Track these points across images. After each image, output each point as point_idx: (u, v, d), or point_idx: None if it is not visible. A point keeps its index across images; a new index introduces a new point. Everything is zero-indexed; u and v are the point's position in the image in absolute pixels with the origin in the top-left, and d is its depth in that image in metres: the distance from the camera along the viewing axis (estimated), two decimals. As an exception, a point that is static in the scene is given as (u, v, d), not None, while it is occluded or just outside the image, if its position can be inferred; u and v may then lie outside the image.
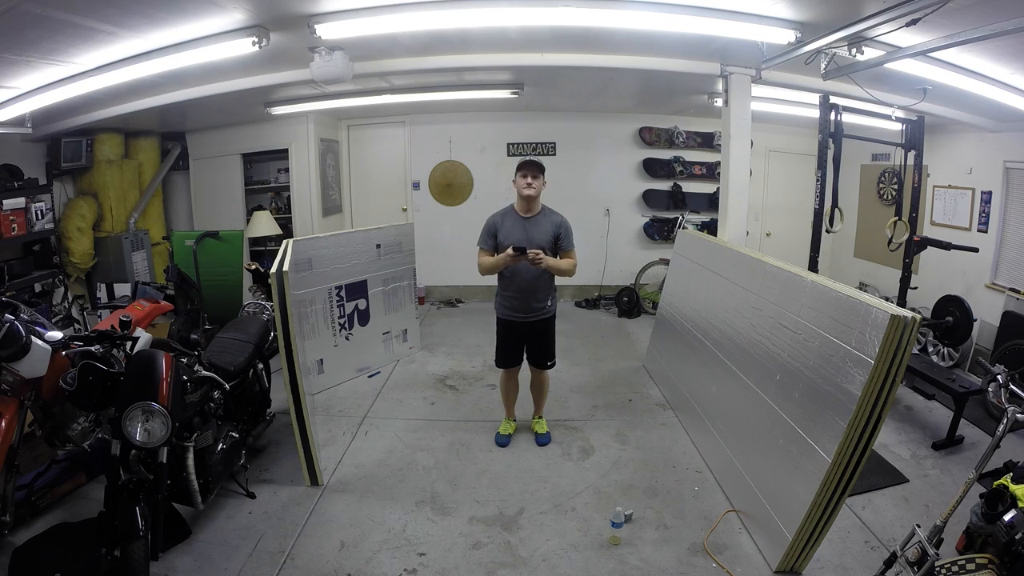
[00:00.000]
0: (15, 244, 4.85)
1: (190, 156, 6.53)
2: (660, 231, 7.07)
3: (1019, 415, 2.02)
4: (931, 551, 1.92)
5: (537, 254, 3.09)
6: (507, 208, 3.36)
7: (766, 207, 7.17)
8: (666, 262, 5.68)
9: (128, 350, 2.50)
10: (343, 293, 4.63)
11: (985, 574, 2.00)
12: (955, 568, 2.04)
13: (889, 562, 2.11)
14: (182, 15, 2.82)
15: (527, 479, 3.25)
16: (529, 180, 3.18)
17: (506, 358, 3.55)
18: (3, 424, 2.31)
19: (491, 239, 3.31)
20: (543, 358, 3.55)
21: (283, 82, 4.26)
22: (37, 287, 5.06)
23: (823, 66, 3.49)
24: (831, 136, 3.92)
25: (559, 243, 3.30)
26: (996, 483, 2.20)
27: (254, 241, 6.52)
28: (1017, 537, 1.98)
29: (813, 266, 3.92)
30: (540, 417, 3.79)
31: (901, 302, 4.41)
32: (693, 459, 3.45)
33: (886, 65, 3.29)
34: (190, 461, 2.55)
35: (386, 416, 4.05)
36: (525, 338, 3.49)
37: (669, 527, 2.81)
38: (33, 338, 2.36)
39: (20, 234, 4.73)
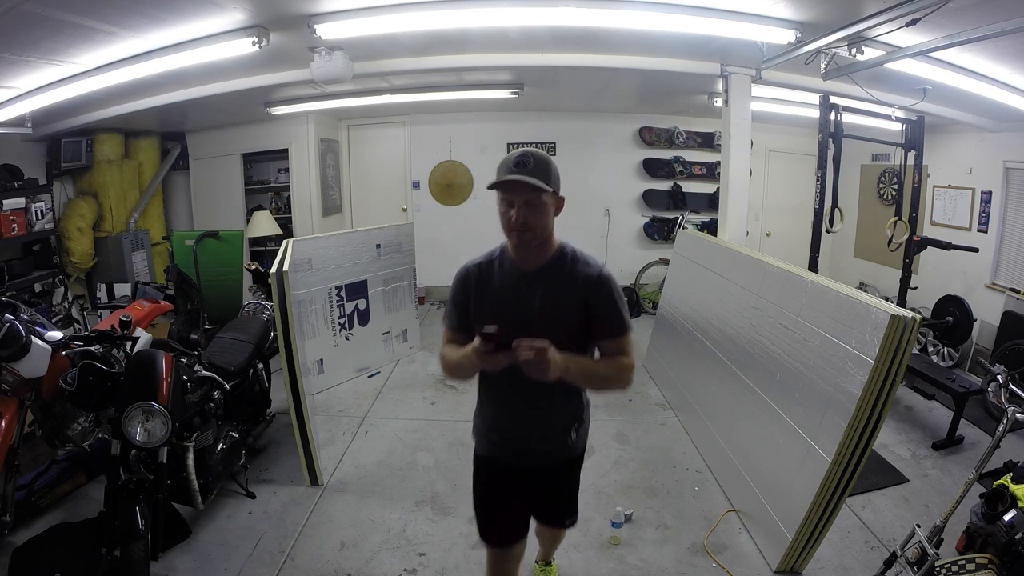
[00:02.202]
0: (15, 244, 4.85)
1: (190, 156, 6.53)
2: (660, 231, 7.07)
3: (1019, 415, 2.02)
4: (931, 551, 1.92)
5: (543, 351, 1.44)
6: (494, 252, 1.75)
7: (766, 207, 7.17)
8: (666, 262, 5.68)
9: (128, 350, 2.50)
10: (343, 293, 4.63)
11: (985, 574, 2.00)
12: (955, 568, 2.04)
13: (889, 562, 2.11)
14: (182, 15, 2.82)
15: (527, 479, 3.25)
16: (517, 214, 1.56)
17: (495, 525, 1.88)
18: (3, 424, 2.31)
19: (462, 312, 1.72)
20: (559, 515, 2.01)
21: (283, 82, 4.25)
22: (37, 287, 5.06)
23: (823, 66, 3.49)
24: (831, 136, 3.93)
25: (595, 321, 1.64)
26: (996, 483, 2.20)
27: (254, 241, 6.52)
28: (1017, 537, 1.98)
29: (813, 266, 3.92)
30: (549, 565, 2.42)
31: (901, 302, 4.41)
32: (693, 459, 3.45)
33: (886, 65, 3.29)
34: (190, 461, 2.55)
35: (386, 416, 4.05)
36: (525, 490, 1.88)
37: (669, 527, 2.81)
38: (33, 338, 2.36)
39: (20, 234, 4.73)
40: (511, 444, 1.81)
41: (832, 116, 3.89)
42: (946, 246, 4.48)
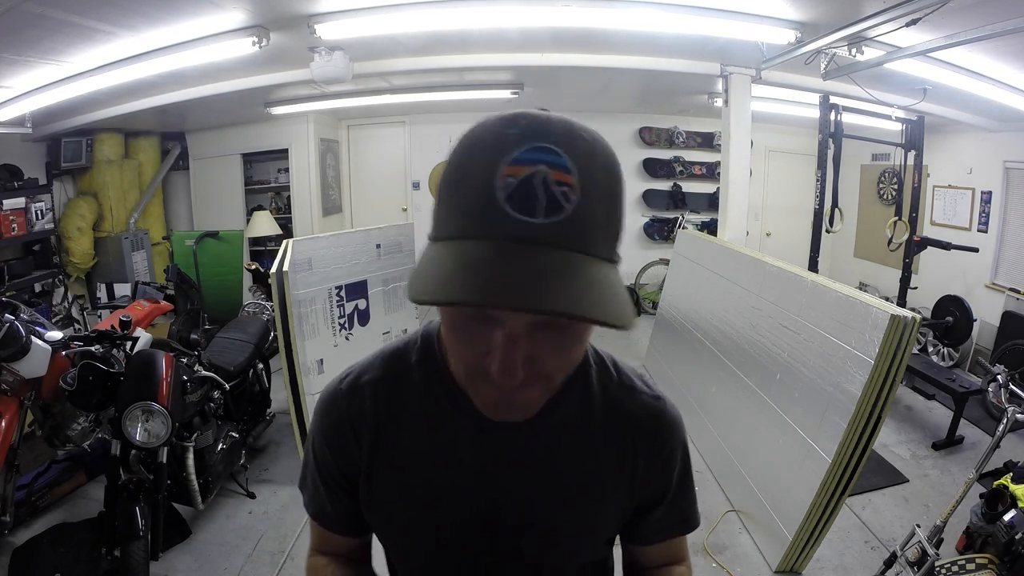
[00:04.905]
0: (15, 244, 4.84)
1: (190, 156, 6.52)
2: (660, 231, 7.07)
3: (1019, 415, 2.02)
4: (931, 551, 1.92)
5: None
6: (407, 351, 0.79)
7: (766, 207, 7.17)
8: (666, 262, 5.68)
9: (128, 350, 2.50)
10: (343, 293, 4.62)
11: (985, 574, 2.01)
12: (955, 568, 2.04)
13: (889, 562, 2.11)
14: (181, 15, 2.82)
15: (527, 479, 3.24)
16: (505, 352, 0.57)
17: None
18: (3, 424, 2.31)
19: (337, 493, 0.78)
20: None
21: (283, 82, 4.26)
22: (37, 287, 5.06)
23: (823, 66, 3.48)
24: (831, 136, 3.93)
25: (652, 509, 0.87)
26: (996, 483, 2.20)
27: (254, 241, 6.51)
28: (1017, 537, 1.98)
29: (813, 266, 3.92)
30: None
31: (901, 302, 4.40)
32: (693, 459, 3.41)
33: (886, 65, 3.29)
34: (190, 461, 2.55)
35: (386, 416, 4.04)
36: None
37: (669, 527, 2.81)
38: (33, 338, 2.36)
39: (20, 234, 4.72)
40: None
41: (832, 116, 3.89)
42: (946, 246, 4.48)
